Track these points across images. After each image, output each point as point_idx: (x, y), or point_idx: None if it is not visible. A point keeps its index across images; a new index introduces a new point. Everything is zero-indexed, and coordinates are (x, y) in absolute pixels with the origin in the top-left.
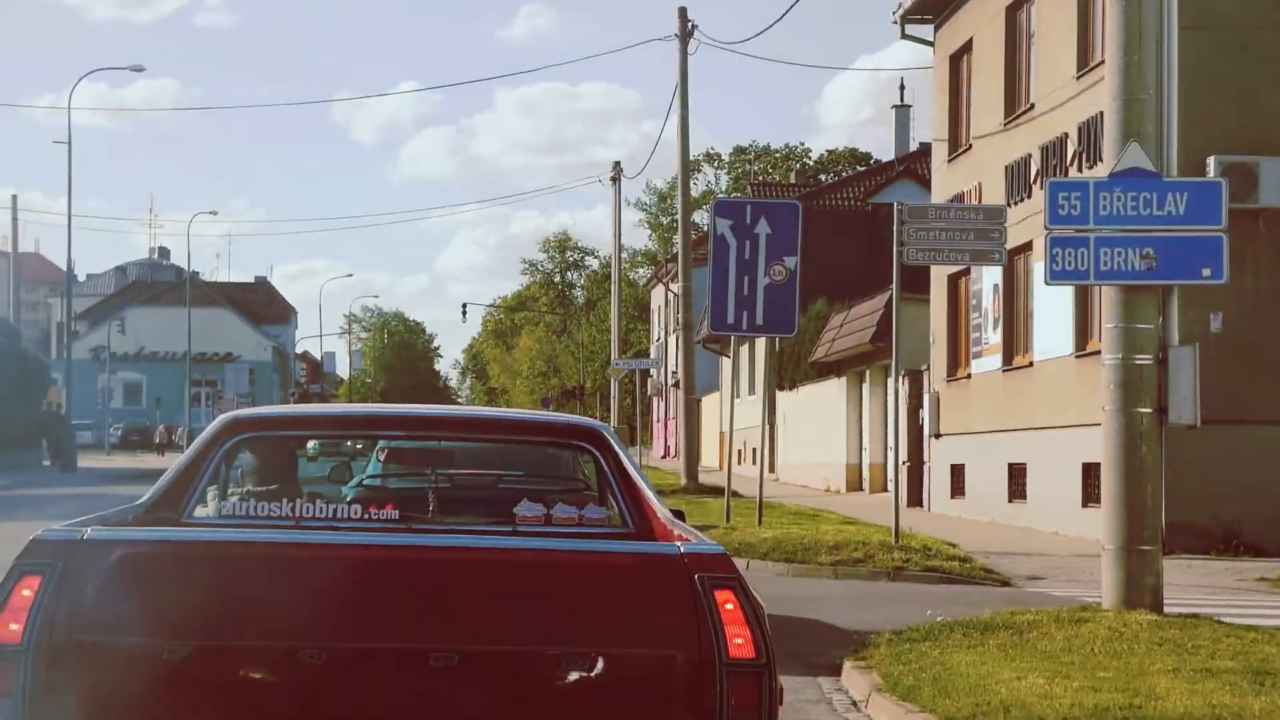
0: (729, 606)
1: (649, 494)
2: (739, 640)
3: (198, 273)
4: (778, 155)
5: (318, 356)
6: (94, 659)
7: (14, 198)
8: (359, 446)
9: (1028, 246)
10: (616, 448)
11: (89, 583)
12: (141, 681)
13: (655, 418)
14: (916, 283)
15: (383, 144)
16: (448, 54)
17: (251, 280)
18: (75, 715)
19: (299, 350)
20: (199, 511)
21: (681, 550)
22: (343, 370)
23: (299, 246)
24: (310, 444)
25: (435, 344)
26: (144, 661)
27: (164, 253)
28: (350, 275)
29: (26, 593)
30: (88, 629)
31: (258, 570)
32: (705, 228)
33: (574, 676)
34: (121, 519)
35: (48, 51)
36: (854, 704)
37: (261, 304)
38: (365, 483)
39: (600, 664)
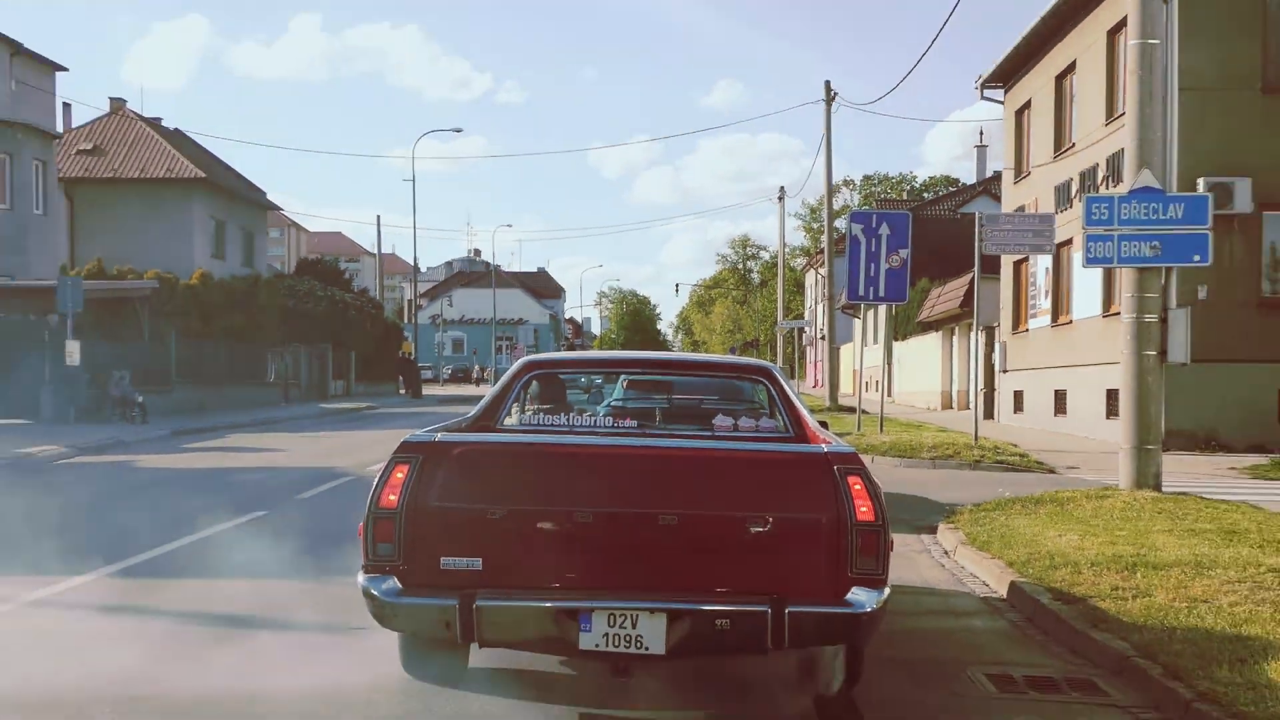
0: (857, 486)
1: (803, 411)
2: (863, 509)
3: (499, 265)
4: (894, 181)
5: (580, 320)
6: (442, 519)
7: (378, 217)
8: (598, 381)
9: (1069, 242)
10: (781, 380)
11: (440, 468)
12: (473, 533)
13: (809, 360)
14: (991, 267)
15: (622, 177)
16: (667, 115)
17: (535, 270)
18: (430, 554)
19: (567, 317)
20: (506, 422)
21: (825, 450)
22: (596, 330)
23: (567, 247)
24: None
25: (657, 311)
26: (475, 520)
27: (477, 253)
28: (601, 266)
29: (399, 475)
30: (438, 498)
31: (548, 460)
32: (844, 230)
33: (756, 530)
34: (458, 427)
35: (397, 119)
36: (946, 553)
37: (542, 286)
38: (612, 403)
39: (773, 523)
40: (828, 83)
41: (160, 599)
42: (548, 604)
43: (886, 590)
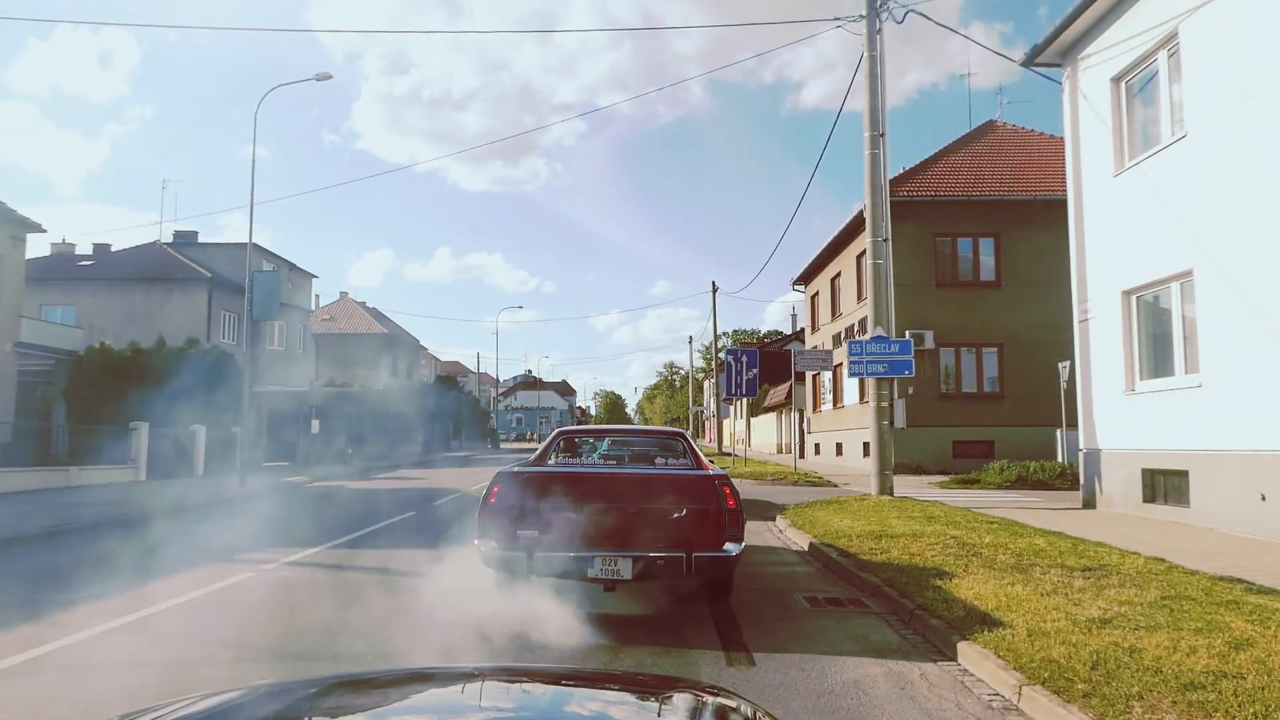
0: (726, 490)
1: (701, 454)
2: (730, 503)
3: (540, 377)
4: (749, 331)
5: (585, 408)
6: (517, 510)
7: (478, 354)
8: (591, 441)
9: (840, 364)
10: (689, 439)
11: (516, 484)
12: (532, 517)
13: (707, 428)
14: (800, 378)
15: (606, 331)
16: (630, 298)
17: (560, 380)
18: (511, 529)
19: (578, 405)
20: (549, 461)
21: (711, 473)
22: (594, 412)
23: (577, 368)
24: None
25: (625, 402)
26: (533, 511)
27: (529, 371)
28: (595, 378)
29: (496, 488)
30: (514, 498)
31: (571, 480)
32: (724, 359)
33: (676, 515)
34: (524, 464)
35: (488, 302)
36: (780, 530)
37: (564, 389)
38: (601, 451)
39: (687, 509)
40: (713, 281)
41: (357, 560)
42: (571, 554)
43: (743, 544)
